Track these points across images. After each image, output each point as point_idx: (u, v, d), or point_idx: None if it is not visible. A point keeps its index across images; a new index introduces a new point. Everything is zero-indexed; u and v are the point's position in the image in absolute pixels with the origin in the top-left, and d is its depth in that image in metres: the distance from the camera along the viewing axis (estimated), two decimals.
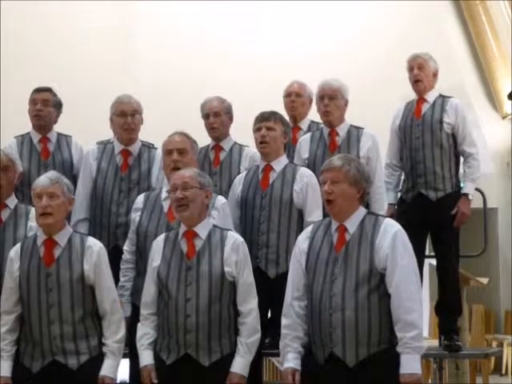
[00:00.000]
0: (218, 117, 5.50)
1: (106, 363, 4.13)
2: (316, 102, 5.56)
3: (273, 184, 5.04)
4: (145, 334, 4.19)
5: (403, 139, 5.78)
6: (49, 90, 5.62)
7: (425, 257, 6.01)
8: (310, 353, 3.93)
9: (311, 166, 5.33)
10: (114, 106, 5.36)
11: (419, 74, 5.71)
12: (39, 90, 5.61)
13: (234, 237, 4.22)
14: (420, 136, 5.68)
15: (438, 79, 5.81)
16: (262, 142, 5.06)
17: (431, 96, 5.75)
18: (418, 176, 5.67)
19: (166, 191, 4.57)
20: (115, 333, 4.16)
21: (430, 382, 8.31)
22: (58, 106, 5.64)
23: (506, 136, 11.19)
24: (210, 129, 5.53)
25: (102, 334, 4.17)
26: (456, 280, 5.75)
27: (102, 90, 8.03)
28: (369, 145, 5.40)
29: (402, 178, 5.88)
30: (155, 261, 4.21)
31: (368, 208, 4.91)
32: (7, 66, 9.99)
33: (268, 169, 5.08)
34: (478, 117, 10.67)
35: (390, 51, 10.20)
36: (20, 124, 5.81)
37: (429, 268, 8.00)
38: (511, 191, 11.12)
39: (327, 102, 5.41)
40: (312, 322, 3.90)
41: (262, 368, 5.51)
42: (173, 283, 4.11)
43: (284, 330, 4.00)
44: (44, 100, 5.55)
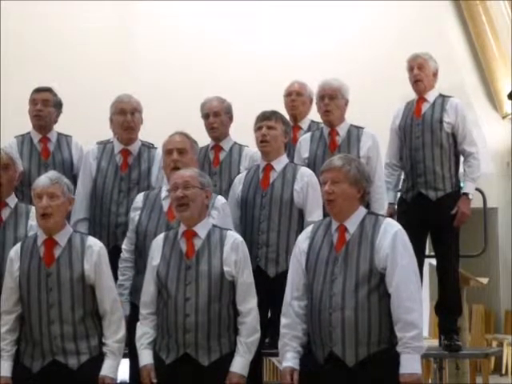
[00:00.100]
0: (217, 117, 5.51)
1: (106, 363, 4.12)
2: (316, 101, 5.57)
3: (273, 183, 5.04)
4: (144, 333, 4.19)
5: (403, 139, 5.78)
6: (49, 90, 5.61)
7: (425, 257, 6.01)
8: (309, 352, 3.93)
9: (311, 165, 5.33)
10: (114, 105, 5.36)
11: (419, 74, 5.71)
12: (39, 90, 5.60)
13: (233, 236, 4.22)
14: (420, 135, 5.67)
15: (438, 79, 5.81)
16: (262, 141, 5.06)
17: (431, 96, 5.75)
18: (418, 176, 5.66)
19: (166, 190, 4.57)
20: (115, 332, 4.16)
21: (430, 381, 8.31)
22: (58, 105, 5.63)
23: (506, 136, 11.18)
24: (210, 129, 5.54)
25: (103, 334, 4.17)
26: (456, 280, 5.74)
27: (102, 90, 8.02)
28: (369, 144, 5.40)
29: (402, 178, 5.88)
30: (155, 260, 4.21)
31: (368, 207, 4.91)
32: (7, 65, 9.98)
33: (268, 168, 5.08)
34: (478, 117, 10.66)
35: (390, 51, 10.19)
36: (20, 124, 5.80)
37: (429, 268, 8.00)
38: (511, 191, 11.12)
39: (327, 102, 5.41)
40: (312, 321, 3.90)
41: (262, 368, 5.49)
42: (172, 282, 4.10)
43: (283, 330, 4.00)
44: (44, 100, 5.54)
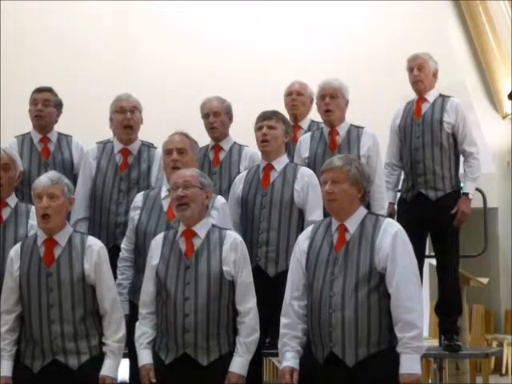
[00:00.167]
0: (217, 117, 5.50)
1: (107, 363, 4.12)
2: (316, 101, 5.56)
3: (273, 183, 5.04)
4: (143, 333, 4.18)
5: (403, 139, 5.78)
6: (50, 90, 5.61)
7: (425, 257, 6.01)
8: (309, 352, 3.93)
9: (311, 165, 5.33)
10: (114, 103, 5.36)
11: (419, 74, 5.71)
12: (40, 90, 5.59)
13: (232, 236, 4.21)
14: (420, 135, 5.67)
15: (438, 79, 5.82)
16: (263, 141, 5.06)
17: (431, 96, 5.75)
18: (418, 175, 5.66)
19: (166, 190, 4.57)
20: (115, 332, 4.15)
21: (430, 381, 8.31)
22: (58, 105, 5.63)
23: (506, 136, 11.18)
24: (210, 129, 5.54)
25: (103, 334, 4.16)
26: (456, 280, 5.74)
27: (102, 90, 8.01)
28: (369, 144, 5.40)
29: (402, 178, 5.88)
30: (154, 259, 4.20)
31: (368, 206, 4.91)
32: (7, 65, 9.99)
33: (269, 168, 5.07)
34: (478, 117, 10.66)
35: (389, 51, 10.20)
36: (20, 124, 5.80)
37: (429, 268, 8.00)
38: (511, 191, 11.12)
39: (328, 101, 5.40)
40: (312, 321, 3.90)
41: (262, 368, 5.49)
42: (171, 282, 4.10)
43: (283, 330, 4.00)
44: (45, 100, 5.54)
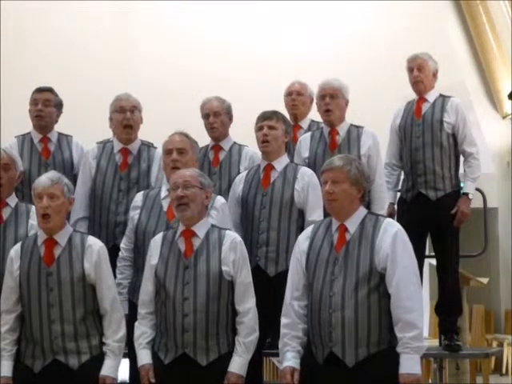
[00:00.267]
0: (217, 117, 5.50)
1: (107, 363, 4.12)
2: (316, 101, 5.56)
3: (274, 183, 5.03)
4: (143, 333, 4.18)
5: (403, 139, 5.78)
6: (50, 90, 5.60)
7: (425, 257, 6.01)
8: (309, 353, 3.93)
9: (311, 165, 5.32)
10: (113, 103, 5.36)
11: (419, 75, 5.70)
12: (40, 90, 5.59)
13: (232, 236, 4.21)
14: (420, 135, 5.67)
15: (438, 79, 5.81)
16: (263, 141, 5.05)
17: (431, 96, 5.75)
18: (418, 175, 5.67)
19: (166, 190, 4.57)
20: (115, 332, 4.15)
21: (430, 381, 8.31)
22: (58, 105, 5.63)
23: (506, 136, 11.19)
24: (210, 129, 5.53)
25: (103, 334, 4.16)
26: (456, 280, 5.74)
27: (102, 90, 8.01)
28: (369, 143, 5.40)
29: (402, 178, 5.88)
30: (153, 259, 4.20)
31: (369, 206, 4.91)
32: (7, 65, 9.99)
33: (269, 168, 5.07)
34: (478, 117, 10.67)
35: (389, 51, 10.20)
36: (20, 124, 5.80)
37: (429, 268, 8.00)
38: (511, 191, 11.12)
39: (328, 101, 5.40)
40: (312, 321, 3.90)
41: (262, 368, 5.49)
42: (170, 282, 4.10)
43: (283, 330, 4.00)
44: (45, 100, 5.53)
